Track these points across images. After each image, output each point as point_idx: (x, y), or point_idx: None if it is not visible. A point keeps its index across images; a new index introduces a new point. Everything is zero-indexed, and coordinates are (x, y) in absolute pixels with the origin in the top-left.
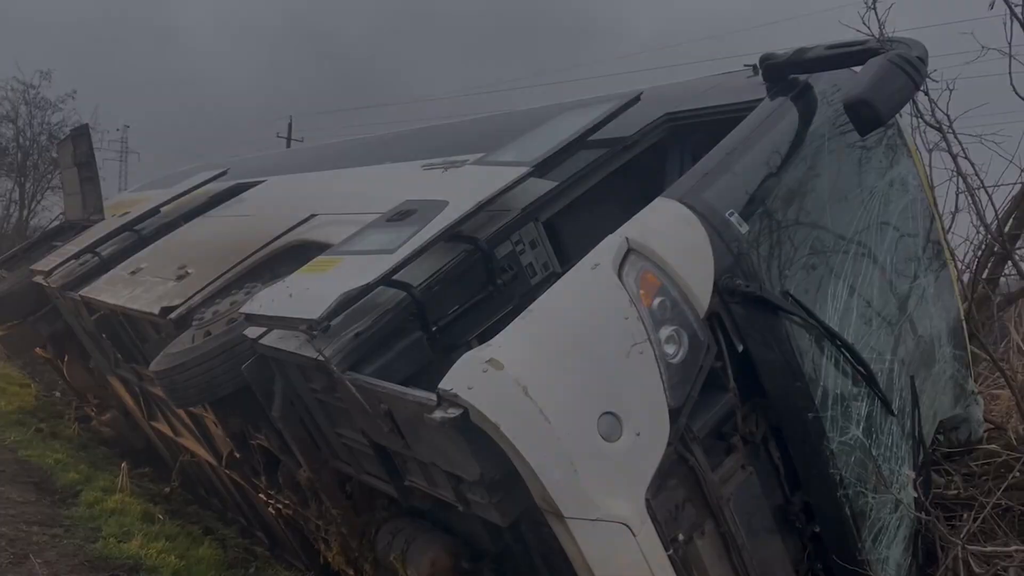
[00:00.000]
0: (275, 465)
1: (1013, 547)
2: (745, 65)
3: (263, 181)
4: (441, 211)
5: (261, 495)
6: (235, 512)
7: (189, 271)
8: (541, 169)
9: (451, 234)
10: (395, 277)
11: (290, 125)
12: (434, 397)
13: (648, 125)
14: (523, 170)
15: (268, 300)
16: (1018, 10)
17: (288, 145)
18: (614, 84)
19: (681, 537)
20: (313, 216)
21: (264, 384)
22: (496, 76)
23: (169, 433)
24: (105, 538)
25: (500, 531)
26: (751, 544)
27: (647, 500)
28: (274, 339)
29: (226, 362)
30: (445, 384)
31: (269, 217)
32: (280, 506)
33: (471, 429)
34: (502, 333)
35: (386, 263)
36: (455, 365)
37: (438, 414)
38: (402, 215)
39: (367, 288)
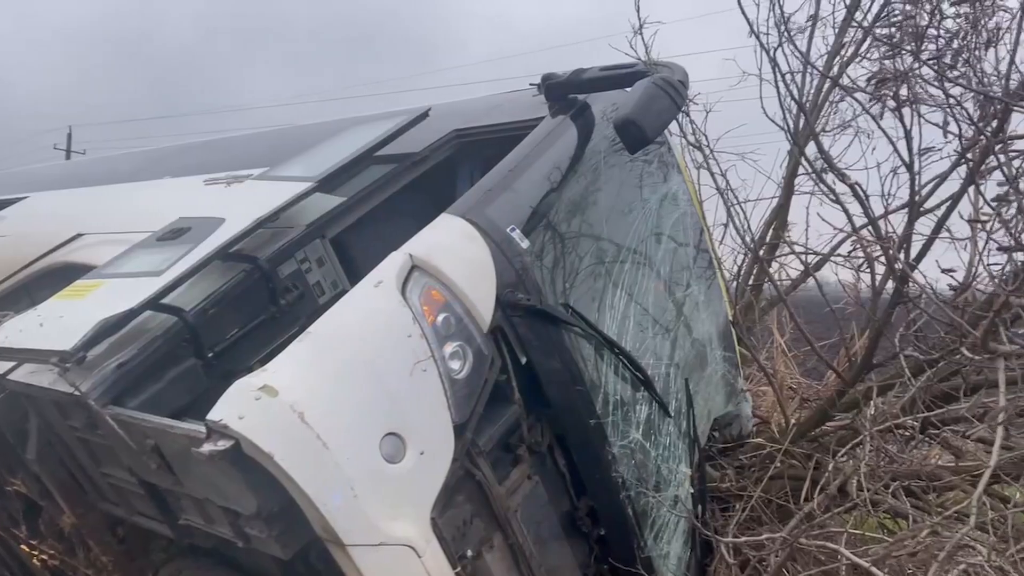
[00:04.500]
0: (36, 512)
1: (764, 536)
2: (530, 84)
3: (25, 197)
4: (216, 229)
5: (23, 546)
6: None
7: None
8: (327, 184)
9: (227, 253)
10: (164, 301)
11: (69, 136)
12: (203, 429)
13: (437, 141)
14: (307, 185)
15: (16, 331)
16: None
17: (67, 158)
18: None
19: (470, 553)
20: (79, 236)
21: (16, 424)
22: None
23: None
24: None
25: (290, 564)
26: (540, 552)
27: (433, 519)
28: (25, 374)
29: None
30: (214, 415)
31: (29, 237)
32: (45, 557)
33: (244, 461)
34: (278, 357)
35: (153, 286)
36: (225, 393)
37: (207, 447)
38: (174, 234)
39: (131, 314)
